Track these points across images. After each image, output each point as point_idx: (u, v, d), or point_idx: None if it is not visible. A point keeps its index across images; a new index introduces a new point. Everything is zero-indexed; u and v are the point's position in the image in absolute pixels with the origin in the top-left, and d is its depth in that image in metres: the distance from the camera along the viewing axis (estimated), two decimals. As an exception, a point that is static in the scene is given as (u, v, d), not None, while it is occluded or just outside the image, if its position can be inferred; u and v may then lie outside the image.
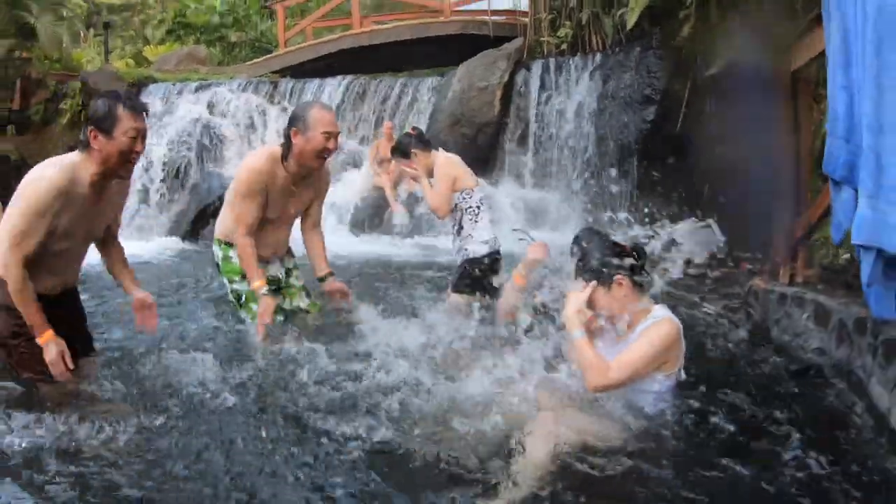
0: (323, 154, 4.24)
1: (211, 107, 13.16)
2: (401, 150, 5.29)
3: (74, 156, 3.46)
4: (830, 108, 2.64)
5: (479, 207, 5.22)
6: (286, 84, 13.78)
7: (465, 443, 3.02)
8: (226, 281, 4.58)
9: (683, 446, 2.99)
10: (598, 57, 11.00)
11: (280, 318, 4.47)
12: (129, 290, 3.94)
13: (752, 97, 5.39)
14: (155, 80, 14.17)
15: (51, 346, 3.39)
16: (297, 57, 15.25)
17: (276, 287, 4.58)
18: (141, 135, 3.45)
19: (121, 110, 3.37)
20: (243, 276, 4.45)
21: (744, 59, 7.50)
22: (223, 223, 4.58)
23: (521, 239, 4.73)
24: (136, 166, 3.66)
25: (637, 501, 2.63)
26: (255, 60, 16.47)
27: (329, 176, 4.85)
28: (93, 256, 3.83)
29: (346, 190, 11.37)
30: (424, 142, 5.32)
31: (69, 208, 3.38)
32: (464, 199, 5.17)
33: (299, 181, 4.42)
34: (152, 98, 13.40)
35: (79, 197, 3.41)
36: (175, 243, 10.62)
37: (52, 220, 3.34)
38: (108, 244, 3.96)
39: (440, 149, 5.41)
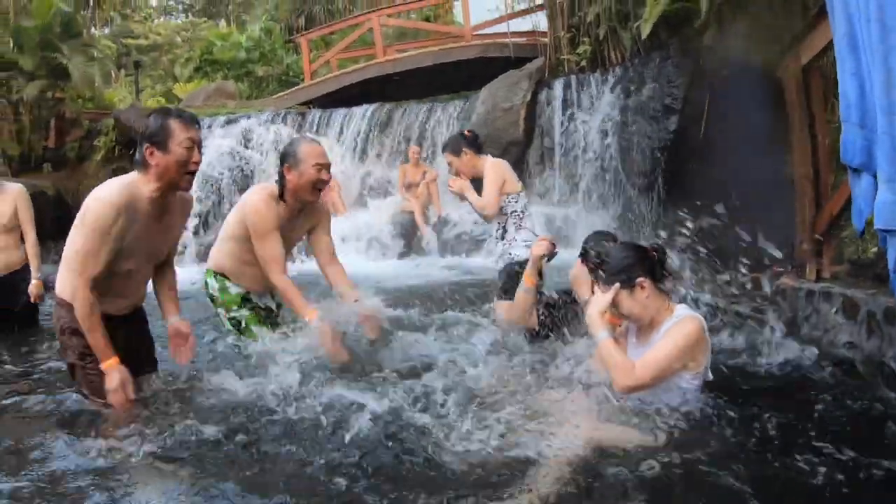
0: (317, 186, 4.27)
1: (240, 140, 13.37)
2: (452, 148, 5.39)
3: (132, 175, 3.49)
4: (842, 96, 2.68)
5: (523, 212, 5.32)
6: (314, 114, 13.98)
7: (494, 447, 3.00)
8: (222, 311, 4.51)
9: (712, 445, 2.97)
10: (618, 70, 11.05)
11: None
12: (168, 315, 3.96)
13: (768, 97, 5.43)
14: (185, 116, 14.37)
15: (114, 373, 3.42)
16: (323, 88, 15.48)
17: (270, 316, 4.59)
18: (196, 144, 3.49)
19: (173, 122, 3.43)
20: (241, 304, 4.47)
21: (756, 60, 7.56)
22: (219, 256, 4.54)
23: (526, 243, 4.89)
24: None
25: (665, 502, 2.63)
26: (282, 93, 16.73)
27: (326, 205, 4.79)
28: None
29: (375, 215, 11.52)
30: (477, 145, 5.42)
31: (131, 227, 3.41)
32: (509, 202, 5.26)
33: (296, 216, 4.43)
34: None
35: (140, 215, 3.44)
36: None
37: (116, 240, 3.36)
38: (161, 266, 3.97)
39: (489, 154, 5.51)
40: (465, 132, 5.62)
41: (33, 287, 5.90)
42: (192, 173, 3.55)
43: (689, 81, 9.46)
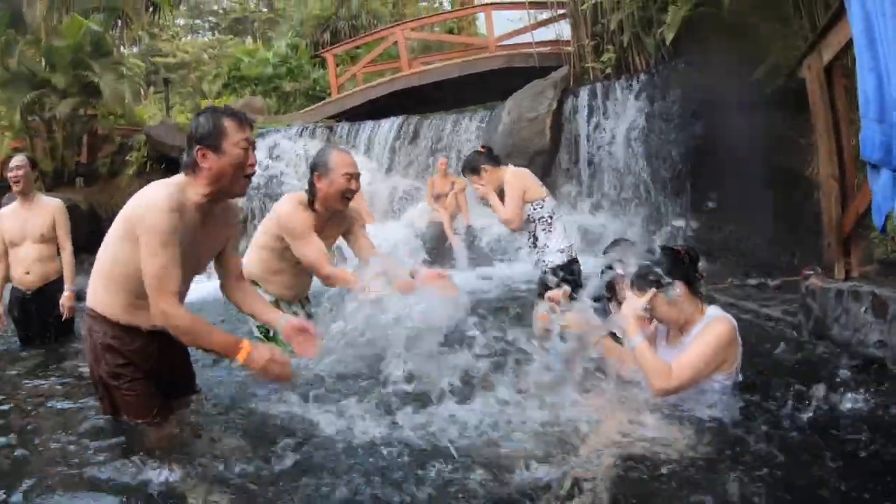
0: (346, 195, 4.34)
1: (269, 153, 13.57)
2: (471, 167, 5.39)
3: (177, 179, 3.21)
4: (861, 92, 2.72)
5: (551, 217, 5.32)
6: (342, 127, 14.19)
7: (524, 447, 3.01)
8: (252, 319, 4.40)
9: (744, 447, 2.93)
10: (643, 77, 11.09)
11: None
12: (273, 319, 3.62)
13: (793, 100, 5.42)
14: (214, 132, 14.59)
15: (257, 353, 3.17)
16: (350, 102, 15.64)
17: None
18: (252, 145, 3.24)
19: (227, 122, 3.17)
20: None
21: (781, 62, 7.54)
22: (248, 264, 4.54)
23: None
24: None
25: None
26: (310, 108, 16.91)
27: (354, 211, 4.76)
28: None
29: (404, 226, 11.60)
30: (494, 158, 5.44)
31: (182, 233, 3.09)
32: (535, 209, 5.27)
33: (324, 225, 4.49)
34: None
35: (188, 221, 3.13)
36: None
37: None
38: (236, 279, 3.70)
39: (509, 164, 5.53)
40: (480, 149, 5.62)
41: (65, 299, 6.07)
42: (249, 176, 3.28)
43: (713, 86, 9.45)
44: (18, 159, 6.26)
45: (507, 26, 15.77)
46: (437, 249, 10.94)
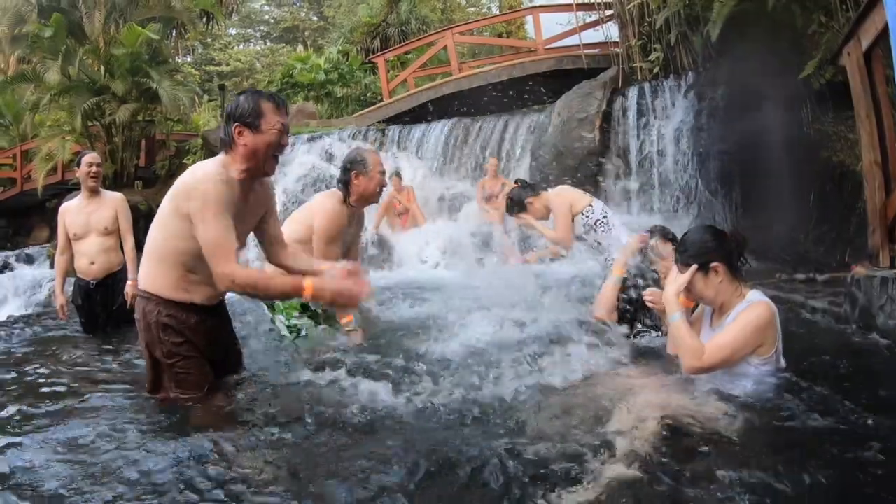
0: (382, 189, 4.75)
1: (323, 156, 13.82)
2: (517, 204, 5.55)
3: (220, 157, 3.41)
4: (898, 74, 2.79)
5: (605, 216, 5.43)
6: (393, 131, 14.40)
7: (561, 424, 3.10)
8: (281, 317, 4.78)
9: (779, 433, 2.94)
10: (691, 76, 11.12)
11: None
12: (325, 269, 3.69)
13: (840, 93, 5.42)
14: (269, 135, 14.89)
15: (320, 282, 3.30)
16: (401, 106, 15.83)
17: (315, 314, 4.83)
18: (286, 129, 3.40)
19: (265, 104, 3.35)
20: (302, 312, 4.77)
21: (826, 56, 7.51)
22: None
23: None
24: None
25: (732, 488, 2.46)
26: (361, 112, 17.12)
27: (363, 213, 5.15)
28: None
29: (456, 229, 11.69)
30: (533, 187, 5.63)
31: (229, 204, 3.27)
32: (587, 217, 5.39)
33: (351, 223, 4.84)
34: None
35: (235, 194, 3.33)
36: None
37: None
38: (281, 246, 3.84)
39: (546, 187, 5.68)
40: (515, 183, 5.76)
41: (129, 287, 6.30)
42: (278, 156, 3.46)
43: (760, 82, 9.45)
44: (92, 156, 6.53)
45: (556, 29, 15.85)
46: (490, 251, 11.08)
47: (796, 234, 8.68)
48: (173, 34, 19.39)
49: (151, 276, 3.46)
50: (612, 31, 13.92)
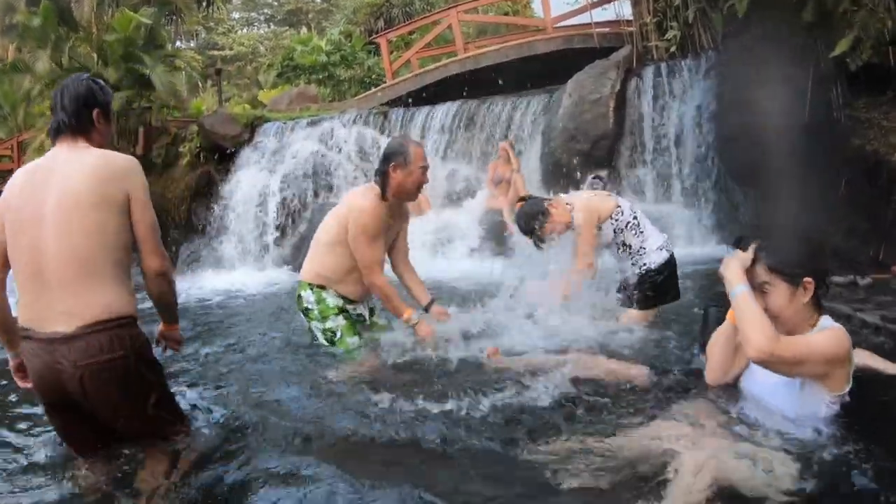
0: (420, 187, 4.53)
1: (323, 140, 13.36)
2: (538, 221, 4.87)
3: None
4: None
5: (635, 217, 4.99)
6: (396, 114, 13.87)
7: (612, 463, 2.78)
8: (317, 324, 4.60)
9: (851, 480, 2.55)
10: (711, 55, 10.51)
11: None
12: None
13: (875, 76, 4.90)
14: (268, 120, 14.54)
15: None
16: (404, 88, 15.31)
17: (362, 323, 4.72)
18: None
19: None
20: (337, 313, 4.54)
21: (861, 35, 6.98)
22: (319, 267, 4.59)
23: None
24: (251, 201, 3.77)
25: None
26: (363, 94, 16.70)
27: (408, 209, 4.94)
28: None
29: (464, 215, 11.24)
30: (545, 199, 5.07)
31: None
32: (616, 221, 4.93)
33: (390, 218, 4.55)
34: (266, 135, 13.78)
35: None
36: (289, 275, 10.80)
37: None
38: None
39: (559, 194, 5.16)
40: (521, 201, 5.15)
41: None
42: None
43: (786, 64, 8.86)
44: None
45: (564, 8, 15.30)
46: (495, 239, 10.52)
47: (825, 227, 8.12)
48: (173, 19, 19.05)
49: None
50: (624, 8, 13.41)
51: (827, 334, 2.74)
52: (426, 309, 4.74)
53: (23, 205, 2.89)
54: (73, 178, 2.87)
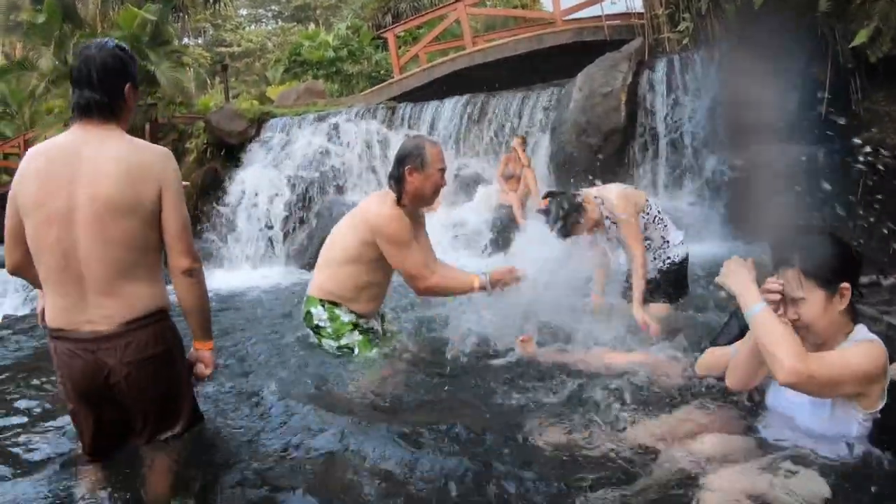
0: (438, 190, 4.19)
1: (330, 136, 13.23)
2: (572, 228, 4.55)
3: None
4: None
5: (659, 211, 4.93)
6: (404, 108, 13.73)
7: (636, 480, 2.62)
8: (330, 342, 4.32)
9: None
10: (725, 47, 10.23)
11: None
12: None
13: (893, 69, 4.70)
14: (275, 115, 14.42)
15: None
16: (412, 82, 15.18)
17: (376, 337, 4.45)
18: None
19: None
20: (352, 329, 4.26)
21: (881, 26, 6.79)
22: (330, 284, 4.29)
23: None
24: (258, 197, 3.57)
25: None
26: (371, 89, 16.57)
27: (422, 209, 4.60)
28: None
29: (473, 212, 11.10)
30: (570, 194, 4.74)
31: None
32: (647, 215, 4.84)
33: (414, 217, 4.26)
34: (273, 131, 13.66)
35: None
36: (297, 273, 10.71)
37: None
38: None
39: (587, 189, 4.90)
40: (541, 206, 4.81)
41: None
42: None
43: (806, 55, 8.64)
44: None
45: (574, 0, 15.09)
46: (505, 236, 10.34)
47: (842, 225, 7.93)
48: (179, 16, 19.03)
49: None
50: (635, 0, 13.15)
51: (863, 349, 2.48)
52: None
53: (46, 195, 2.67)
54: (106, 180, 2.67)
